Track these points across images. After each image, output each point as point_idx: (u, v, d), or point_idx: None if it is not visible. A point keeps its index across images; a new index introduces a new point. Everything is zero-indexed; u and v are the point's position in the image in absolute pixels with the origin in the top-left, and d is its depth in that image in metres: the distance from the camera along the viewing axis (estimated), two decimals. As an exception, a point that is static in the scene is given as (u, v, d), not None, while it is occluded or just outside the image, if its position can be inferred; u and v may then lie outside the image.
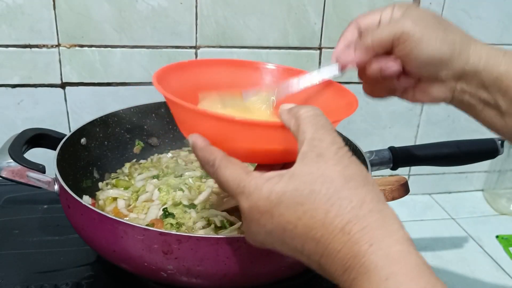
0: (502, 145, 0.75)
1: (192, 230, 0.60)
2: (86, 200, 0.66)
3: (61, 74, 0.82)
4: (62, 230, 0.69)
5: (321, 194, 0.35)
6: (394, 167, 0.74)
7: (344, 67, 0.51)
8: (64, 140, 0.64)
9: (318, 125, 0.38)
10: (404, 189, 0.49)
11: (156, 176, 0.73)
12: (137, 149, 0.79)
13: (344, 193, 0.34)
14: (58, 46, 0.80)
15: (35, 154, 0.65)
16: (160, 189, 0.67)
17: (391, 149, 0.74)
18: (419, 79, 0.51)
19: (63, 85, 0.83)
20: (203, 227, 0.60)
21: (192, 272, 0.48)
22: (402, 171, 0.99)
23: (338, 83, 0.55)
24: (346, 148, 0.37)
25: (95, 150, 0.73)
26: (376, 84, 0.53)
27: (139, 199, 0.67)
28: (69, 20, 0.79)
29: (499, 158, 0.91)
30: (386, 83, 0.52)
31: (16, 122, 0.83)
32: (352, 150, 0.64)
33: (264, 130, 0.42)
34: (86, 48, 0.81)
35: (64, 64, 0.82)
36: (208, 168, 0.41)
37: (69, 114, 0.85)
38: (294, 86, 0.53)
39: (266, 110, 0.52)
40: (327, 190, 0.35)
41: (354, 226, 0.33)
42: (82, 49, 0.81)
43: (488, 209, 1.04)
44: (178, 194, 0.66)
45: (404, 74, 0.50)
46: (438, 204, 1.05)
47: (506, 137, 0.51)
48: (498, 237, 0.93)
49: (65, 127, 0.85)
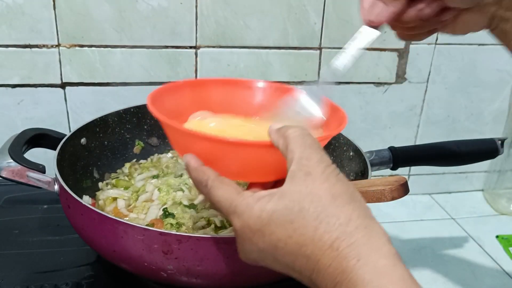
0: (502, 145, 0.75)
1: (192, 230, 0.60)
2: (86, 200, 0.66)
3: (61, 74, 0.82)
4: (62, 230, 0.69)
5: (309, 212, 0.35)
6: (394, 167, 0.74)
7: (378, 26, 0.48)
8: (64, 140, 0.64)
9: (306, 144, 0.38)
10: (404, 189, 0.49)
11: (156, 176, 0.73)
12: (137, 149, 0.79)
13: (331, 210, 0.35)
14: (58, 46, 0.80)
15: (35, 154, 0.65)
16: (160, 189, 0.67)
17: (391, 149, 0.74)
18: (460, 10, 0.49)
19: (63, 85, 0.83)
20: (203, 227, 0.60)
21: (192, 272, 0.48)
22: (402, 171, 0.99)
23: (329, 100, 0.56)
24: (334, 166, 0.38)
25: (95, 150, 0.73)
26: (413, 29, 0.51)
27: (139, 199, 0.67)
28: (69, 20, 0.79)
29: (499, 158, 0.91)
30: (425, 24, 0.50)
31: (16, 122, 0.83)
32: (352, 150, 0.63)
33: (254, 150, 0.43)
34: (86, 48, 0.81)
35: (64, 64, 0.82)
36: (201, 188, 0.42)
37: (69, 114, 0.85)
38: (339, 65, 0.49)
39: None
40: (315, 208, 0.36)
41: (342, 243, 0.34)
42: (82, 49, 0.81)
43: (488, 209, 1.04)
44: (178, 194, 0.66)
45: (443, 9, 0.48)
46: (438, 204, 1.05)
47: None
48: (498, 237, 0.93)
49: (65, 127, 0.85)
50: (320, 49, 0.89)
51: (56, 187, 0.58)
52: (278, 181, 0.38)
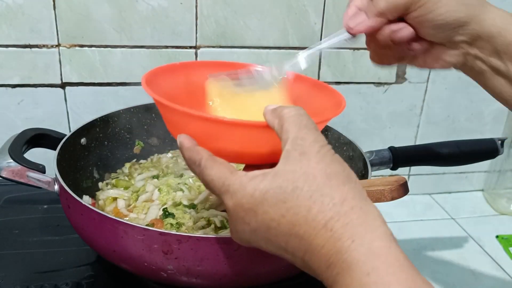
0: (502, 145, 0.75)
1: (192, 230, 0.60)
2: (86, 200, 0.66)
3: (61, 74, 0.82)
4: (62, 230, 0.69)
5: (303, 191, 0.35)
6: (394, 167, 0.74)
7: (355, 34, 0.49)
8: (64, 140, 0.64)
9: (301, 124, 0.38)
10: (403, 189, 0.49)
11: (156, 176, 0.73)
12: (137, 149, 0.79)
13: (326, 190, 0.35)
14: (58, 46, 0.80)
15: (35, 154, 0.65)
16: (160, 189, 0.67)
17: (391, 149, 0.74)
18: (431, 44, 0.50)
19: (63, 85, 0.83)
20: (203, 227, 0.60)
21: (192, 272, 0.48)
22: (402, 171, 0.99)
23: (326, 84, 0.55)
24: (329, 146, 0.38)
25: (95, 150, 0.73)
26: (385, 51, 0.52)
27: (139, 199, 0.67)
28: (69, 20, 0.79)
29: (499, 158, 0.91)
30: (396, 49, 0.51)
31: (16, 122, 0.83)
32: (352, 150, 0.63)
33: (249, 130, 0.42)
34: (86, 48, 0.81)
35: (64, 64, 0.82)
36: (194, 167, 0.41)
37: (69, 114, 0.85)
38: (302, 59, 0.51)
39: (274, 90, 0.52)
40: (309, 187, 0.35)
41: (337, 223, 0.34)
42: (82, 49, 0.81)
43: (488, 209, 1.04)
44: (178, 194, 0.66)
45: (415, 39, 0.49)
46: (438, 204, 1.05)
47: None
48: (498, 237, 0.93)
49: (65, 127, 0.85)
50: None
51: (56, 187, 0.58)
52: (273, 164, 0.38)
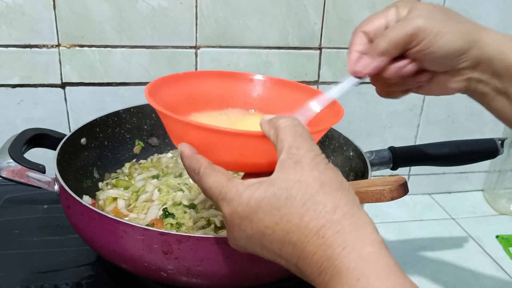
0: (502, 145, 0.75)
1: (192, 230, 0.60)
2: (86, 200, 0.66)
3: (61, 74, 0.82)
4: (62, 230, 0.69)
5: (297, 199, 0.36)
6: (394, 167, 0.74)
7: (362, 77, 0.51)
8: (64, 140, 0.64)
9: (296, 134, 0.39)
10: (403, 189, 0.49)
11: (156, 176, 0.73)
12: (137, 149, 0.79)
13: (319, 197, 0.36)
14: (58, 46, 0.80)
15: (35, 154, 0.65)
16: (160, 189, 0.67)
17: (391, 149, 0.74)
18: (435, 73, 0.51)
19: (63, 85, 0.83)
20: (203, 227, 0.60)
21: (192, 272, 0.48)
22: (402, 171, 0.99)
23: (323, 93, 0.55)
24: (323, 155, 0.39)
25: (95, 150, 0.73)
26: (391, 86, 0.54)
27: (139, 199, 0.67)
28: (69, 20, 0.79)
29: (499, 158, 0.91)
30: (402, 83, 0.53)
31: (16, 122, 0.83)
32: (352, 150, 0.63)
33: (246, 140, 0.43)
34: (86, 48, 0.81)
35: (64, 64, 0.82)
36: (193, 175, 0.43)
37: (69, 114, 0.85)
38: (314, 108, 0.51)
39: None
40: (303, 195, 0.36)
41: (328, 230, 0.34)
42: (82, 49, 0.81)
43: (488, 209, 1.04)
44: (178, 194, 0.66)
45: (420, 71, 0.51)
46: (438, 204, 1.05)
47: None
48: (498, 237, 0.93)
49: (65, 127, 0.85)
50: (320, 49, 0.89)
51: (56, 187, 0.58)
52: (272, 173, 0.38)
